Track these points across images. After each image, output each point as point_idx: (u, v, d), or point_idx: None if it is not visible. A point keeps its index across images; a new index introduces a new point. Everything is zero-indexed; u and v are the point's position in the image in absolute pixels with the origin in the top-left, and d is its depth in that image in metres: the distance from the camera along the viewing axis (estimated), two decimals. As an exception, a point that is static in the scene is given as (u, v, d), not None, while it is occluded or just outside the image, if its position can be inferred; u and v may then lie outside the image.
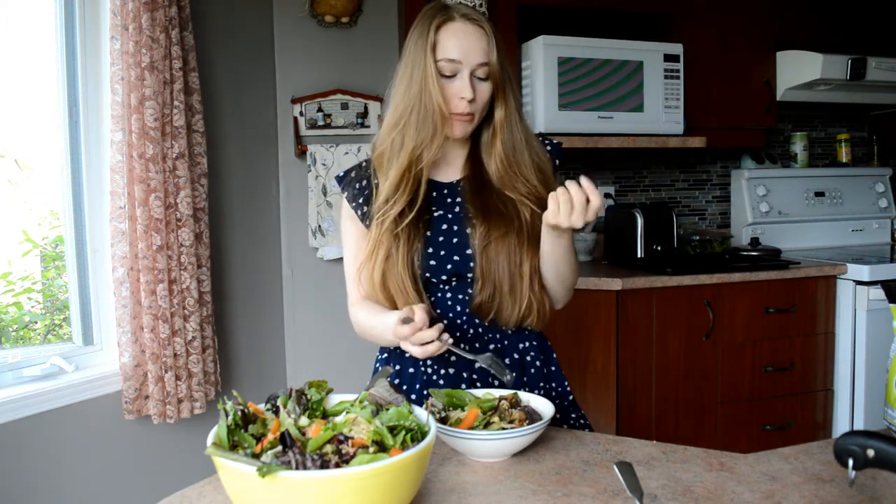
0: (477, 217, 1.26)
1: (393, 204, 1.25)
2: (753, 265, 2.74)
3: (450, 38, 1.22)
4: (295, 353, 2.64)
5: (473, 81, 1.23)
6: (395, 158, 1.26)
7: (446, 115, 1.23)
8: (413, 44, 1.25)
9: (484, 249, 1.25)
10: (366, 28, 2.62)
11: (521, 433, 1.00)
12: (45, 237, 2.25)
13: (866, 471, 0.91)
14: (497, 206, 1.27)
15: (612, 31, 2.90)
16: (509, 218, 1.26)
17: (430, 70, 1.22)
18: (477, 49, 1.22)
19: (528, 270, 1.26)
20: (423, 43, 1.23)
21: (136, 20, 1.96)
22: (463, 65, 1.22)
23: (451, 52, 1.22)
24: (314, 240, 2.59)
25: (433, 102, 1.22)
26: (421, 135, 1.23)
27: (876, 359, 2.71)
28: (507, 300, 1.26)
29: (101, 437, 2.06)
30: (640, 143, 2.77)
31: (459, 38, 1.22)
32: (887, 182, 3.51)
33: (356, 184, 1.35)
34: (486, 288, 1.25)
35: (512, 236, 1.25)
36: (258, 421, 0.85)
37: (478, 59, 1.22)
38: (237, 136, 2.46)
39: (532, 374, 1.33)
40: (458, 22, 1.23)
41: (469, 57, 1.22)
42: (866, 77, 2.96)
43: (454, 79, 1.23)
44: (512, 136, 1.28)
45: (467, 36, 1.23)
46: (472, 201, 1.28)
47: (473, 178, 1.31)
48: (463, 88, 1.22)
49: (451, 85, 1.23)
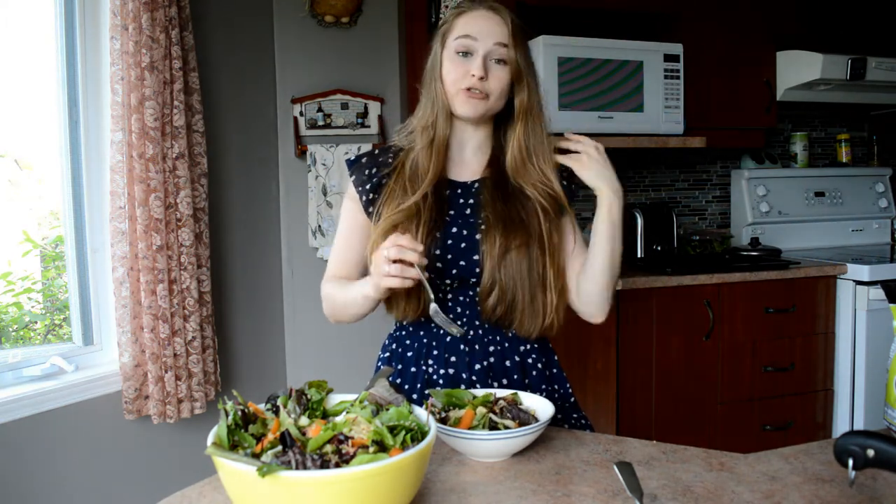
0: (495, 226, 1.24)
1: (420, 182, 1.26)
2: (753, 265, 2.74)
3: (468, 21, 1.25)
4: (295, 353, 2.64)
5: (488, 63, 1.23)
6: (419, 135, 1.29)
7: (450, 93, 1.25)
8: (436, 34, 1.29)
9: (501, 259, 1.23)
10: (366, 28, 2.62)
11: (521, 433, 1.00)
12: (45, 237, 2.25)
13: (866, 471, 0.91)
14: (518, 214, 1.26)
15: (612, 31, 2.89)
16: (530, 227, 1.25)
17: (439, 51, 1.26)
18: (494, 31, 1.23)
19: (551, 279, 1.25)
20: (441, 29, 1.27)
21: (135, 20, 1.96)
22: (478, 42, 1.23)
23: (467, 29, 1.23)
24: (314, 240, 2.59)
25: (438, 86, 1.25)
26: (432, 111, 1.26)
27: (876, 359, 2.71)
28: (528, 310, 1.25)
29: (101, 437, 2.06)
30: (640, 143, 2.77)
31: (477, 20, 1.24)
32: (887, 182, 3.51)
33: (366, 170, 1.34)
34: (505, 298, 1.24)
35: (534, 246, 1.24)
36: (258, 421, 0.85)
37: (494, 38, 1.23)
38: (237, 136, 2.46)
39: (534, 376, 1.32)
40: (480, 10, 1.26)
41: (485, 37, 1.23)
42: (866, 77, 2.96)
43: (469, 57, 1.23)
44: (532, 126, 1.28)
45: (486, 19, 1.24)
46: (490, 208, 1.27)
47: (493, 182, 1.30)
48: (475, 66, 1.22)
49: (465, 62, 1.23)
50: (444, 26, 1.27)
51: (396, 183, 1.28)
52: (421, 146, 1.28)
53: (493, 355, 1.30)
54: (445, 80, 1.25)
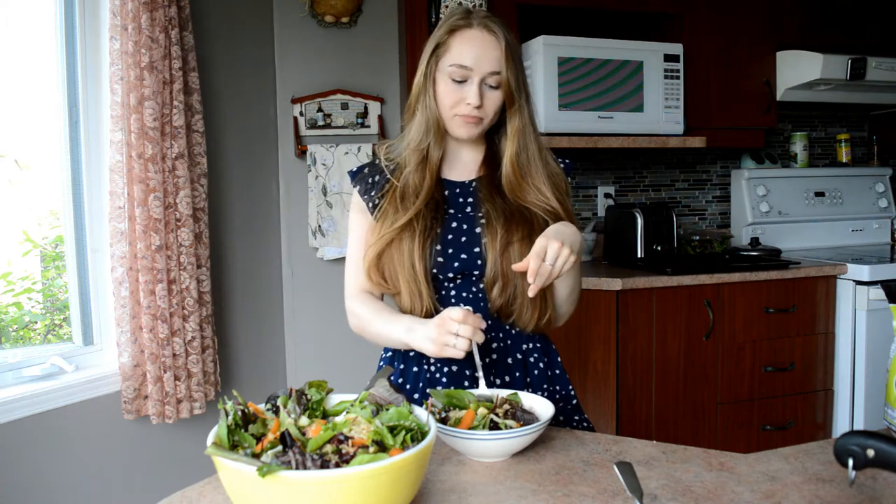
0: (497, 220, 1.26)
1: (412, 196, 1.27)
2: (753, 265, 2.74)
3: (463, 44, 1.24)
4: (295, 353, 2.64)
5: (483, 89, 1.24)
6: (410, 156, 1.30)
7: (444, 117, 1.27)
8: (427, 45, 1.29)
9: (504, 252, 1.25)
10: (366, 28, 2.62)
11: (521, 433, 1.00)
12: (45, 237, 2.25)
13: (866, 471, 0.91)
14: (519, 208, 1.28)
15: (612, 31, 2.90)
16: (531, 221, 1.27)
17: (430, 66, 1.26)
18: (489, 58, 1.23)
19: None
20: (432, 45, 1.27)
21: (135, 20, 1.96)
22: (474, 72, 1.23)
23: (463, 59, 1.23)
24: (314, 240, 2.59)
25: (431, 105, 1.27)
26: (424, 133, 1.28)
27: (876, 359, 2.71)
28: (528, 303, 1.27)
29: (101, 437, 2.06)
30: (640, 143, 2.77)
31: (473, 45, 1.24)
32: (887, 182, 3.51)
33: (369, 178, 1.36)
34: (507, 290, 1.26)
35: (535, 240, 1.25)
36: (258, 421, 0.85)
37: (489, 67, 1.23)
38: (237, 136, 2.46)
39: (535, 375, 1.32)
40: (475, 29, 1.25)
41: (480, 65, 1.23)
42: (866, 77, 2.96)
43: (464, 84, 1.24)
44: (526, 148, 1.30)
45: (482, 43, 1.24)
46: (489, 203, 1.28)
47: (490, 180, 1.32)
48: (470, 95, 1.23)
49: (461, 89, 1.24)
50: (438, 41, 1.26)
51: (390, 205, 1.29)
52: (412, 168, 1.29)
53: (496, 352, 1.30)
54: (440, 102, 1.26)
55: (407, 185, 1.29)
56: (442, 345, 1.13)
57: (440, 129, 1.28)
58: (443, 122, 1.28)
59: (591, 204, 3.25)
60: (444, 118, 1.28)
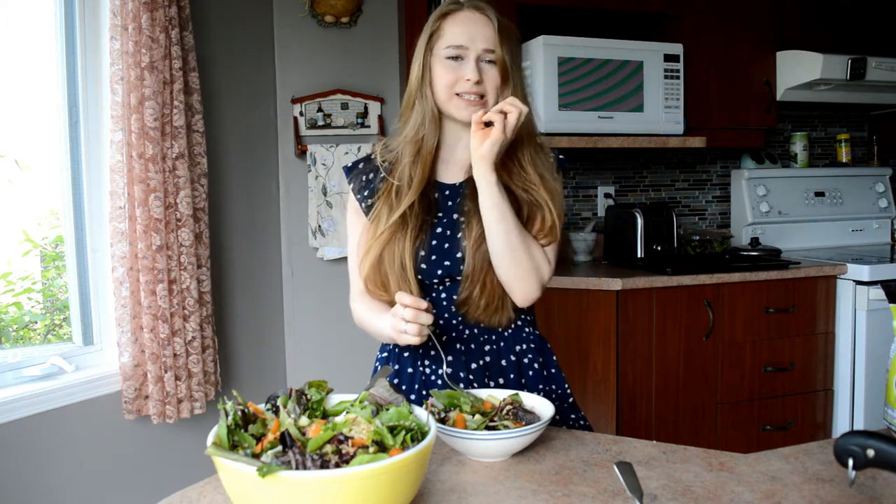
0: (475, 214, 1.25)
1: (405, 188, 1.26)
2: (753, 265, 2.74)
3: (456, 26, 1.24)
4: (295, 353, 2.64)
5: (480, 66, 1.23)
6: (405, 148, 1.29)
7: (443, 101, 1.25)
8: (421, 37, 1.28)
9: (478, 249, 1.24)
10: (366, 28, 2.62)
11: (521, 433, 1.00)
12: (45, 237, 2.25)
13: (866, 471, 0.91)
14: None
15: (612, 31, 2.90)
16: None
17: (426, 57, 1.26)
18: (482, 34, 1.23)
19: None
20: (426, 36, 1.27)
21: (135, 20, 1.96)
22: (469, 49, 1.23)
23: (457, 39, 1.23)
24: (314, 240, 2.59)
25: (428, 93, 1.25)
26: (420, 122, 1.26)
27: (876, 359, 2.71)
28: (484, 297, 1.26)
29: (101, 437, 2.06)
30: (640, 143, 2.77)
31: (466, 25, 1.24)
32: (887, 182, 3.51)
33: (363, 176, 1.36)
34: (475, 285, 1.25)
35: None
36: (258, 421, 0.85)
37: (483, 44, 1.23)
38: (237, 136, 2.46)
39: (530, 375, 1.32)
40: (466, 11, 1.25)
41: (475, 42, 1.23)
42: (866, 77, 2.96)
43: (460, 62, 1.24)
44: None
45: (474, 22, 1.24)
46: (471, 200, 1.27)
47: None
48: (468, 71, 1.22)
49: (458, 67, 1.24)
50: (431, 30, 1.26)
51: (385, 204, 1.28)
52: (408, 159, 1.28)
53: (489, 354, 1.30)
54: (437, 84, 1.25)
55: (402, 178, 1.28)
56: (399, 332, 1.14)
57: (436, 118, 1.27)
58: (442, 108, 1.26)
59: (591, 204, 3.25)
60: (443, 103, 1.25)
